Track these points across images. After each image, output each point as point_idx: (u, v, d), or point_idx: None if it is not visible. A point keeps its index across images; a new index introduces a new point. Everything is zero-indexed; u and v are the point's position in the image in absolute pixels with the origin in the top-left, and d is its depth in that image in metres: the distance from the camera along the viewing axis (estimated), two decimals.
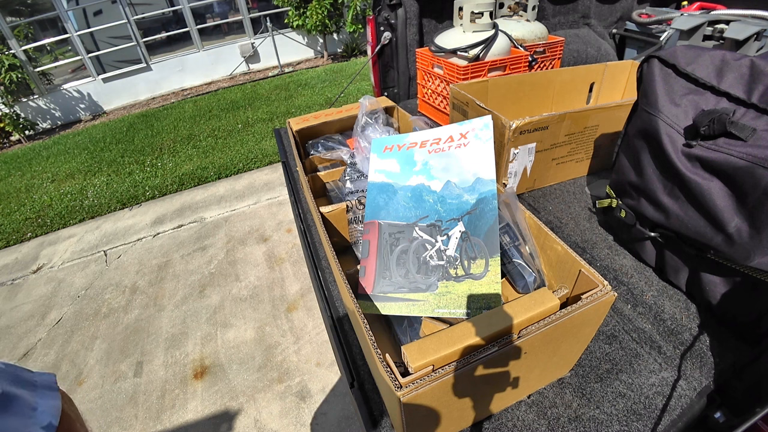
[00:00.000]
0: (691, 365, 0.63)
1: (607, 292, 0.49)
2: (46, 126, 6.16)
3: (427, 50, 1.40)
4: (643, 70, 0.74)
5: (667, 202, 0.69)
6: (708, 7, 1.52)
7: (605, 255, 0.84)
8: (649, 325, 0.70)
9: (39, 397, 0.32)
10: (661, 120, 0.68)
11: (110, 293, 2.51)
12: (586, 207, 0.98)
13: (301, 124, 1.17)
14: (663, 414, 0.57)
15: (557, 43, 1.41)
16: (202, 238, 2.89)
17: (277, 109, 5.06)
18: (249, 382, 1.83)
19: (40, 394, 0.32)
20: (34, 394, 0.32)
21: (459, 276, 0.60)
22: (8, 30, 5.54)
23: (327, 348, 1.91)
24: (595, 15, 1.96)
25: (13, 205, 3.83)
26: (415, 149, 0.69)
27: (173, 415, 1.75)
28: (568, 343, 0.53)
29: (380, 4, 1.58)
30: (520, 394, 0.59)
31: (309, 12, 6.38)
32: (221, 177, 3.72)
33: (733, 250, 0.59)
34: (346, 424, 1.61)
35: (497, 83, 1.15)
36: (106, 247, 3.01)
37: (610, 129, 1.02)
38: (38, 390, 0.32)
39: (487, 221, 0.60)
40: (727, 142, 0.58)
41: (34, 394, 0.32)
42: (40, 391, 0.33)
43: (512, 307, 0.47)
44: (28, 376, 0.33)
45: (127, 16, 6.15)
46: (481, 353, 0.44)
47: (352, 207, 0.78)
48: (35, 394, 0.32)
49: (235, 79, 6.88)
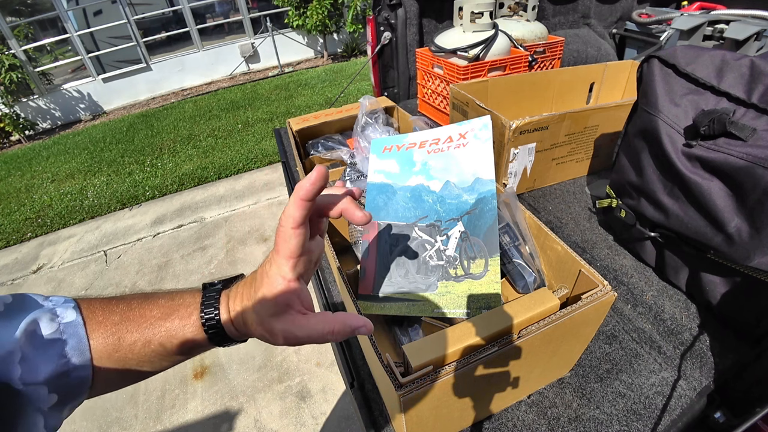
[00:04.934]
0: (691, 365, 0.63)
1: (607, 292, 0.49)
2: (46, 126, 6.16)
3: (427, 50, 1.40)
4: (643, 70, 0.74)
5: (667, 202, 0.69)
6: (708, 7, 1.52)
7: (605, 255, 0.84)
8: (649, 325, 0.70)
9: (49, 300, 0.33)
10: (661, 120, 0.68)
11: (110, 293, 2.51)
12: (586, 207, 0.98)
13: (301, 124, 1.17)
14: (663, 414, 0.57)
15: (557, 43, 1.41)
16: (202, 238, 2.89)
17: (277, 109, 5.06)
18: (249, 382, 1.83)
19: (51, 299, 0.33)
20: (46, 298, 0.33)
21: (459, 276, 0.60)
22: (8, 30, 5.54)
23: (327, 348, 1.91)
24: (595, 15, 1.95)
25: (13, 205, 3.83)
26: (414, 149, 0.69)
27: (173, 415, 1.75)
28: (568, 343, 0.53)
29: (380, 4, 1.58)
30: (520, 394, 0.59)
31: (309, 12, 6.38)
32: (221, 177, 3.72)
33: (733, 250, 0.59)
34: (346, 424, 1.61)
35: (497, 83, 1.15)
36: (106, 247, 3.01)
37: (610, 129, 1.02)
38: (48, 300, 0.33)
39: (486, 221, 0.60)
40: (727, 142, 0.58)
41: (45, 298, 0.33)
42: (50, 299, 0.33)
43: (512, 307, 0.47)
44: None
45: (127, 16, 6.15)
46: (481, 353, 0.44)
47: None
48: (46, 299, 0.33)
49: (235, 79, 6.88)
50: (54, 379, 0.29)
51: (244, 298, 0.32)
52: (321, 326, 0.31)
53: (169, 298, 0.34)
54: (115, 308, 0.33)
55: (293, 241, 0.30)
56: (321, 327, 0.31)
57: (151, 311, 0.33)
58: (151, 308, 0.33)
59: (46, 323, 0.30)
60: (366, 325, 0.32)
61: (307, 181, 0.29)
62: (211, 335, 0.33)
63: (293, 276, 0.31)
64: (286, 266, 0.31)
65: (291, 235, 0.30)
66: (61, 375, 0.30)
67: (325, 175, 0.30)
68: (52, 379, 0.29)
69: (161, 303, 0.34)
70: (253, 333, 0.32)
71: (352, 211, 0.34)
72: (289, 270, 0.31)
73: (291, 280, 0.31)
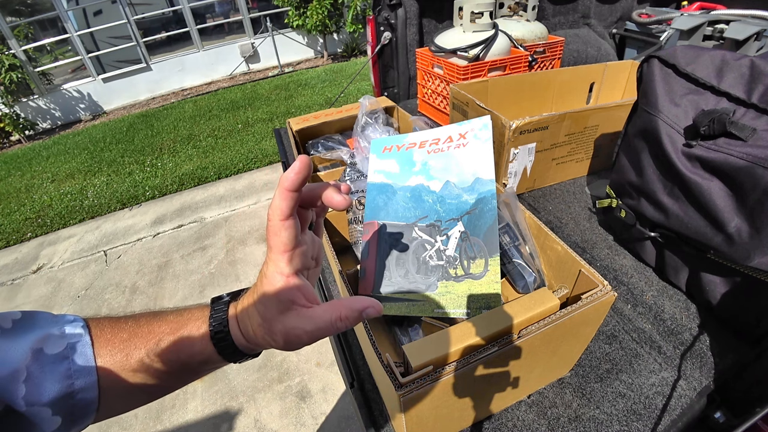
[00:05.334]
0: (691, 365, 0.63)
1: (607, 292, 0.49)
2: (46, 126, 6.16)
3: (427, 50, 1.40)
4: (643, 70, 0.74)
5: (667, 202, 0.69)
6: (708, 7, 1.52)
7: (605, 255, 0.84)
8: (649, 325, 0.70)
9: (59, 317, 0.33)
10: (661, 120, 0.68)
11: (110, 293, 2.51)
12: (586, 207, 0.98)
13: (301, 124, 1.17)
14: (663, 414, 0.57)
15: (557, 43, 1.41)
16: (202, 238, 2.89)
17: (277, 109, 5.06)
18: (249, 382, 1.83)
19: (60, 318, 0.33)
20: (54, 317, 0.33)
21: (459, 276, 0.60)
22: (8, 30, 5.54)
23: (327, 348, 1.91)
24: (595, 15, 1.95)
25: (13, 205, 3.83)
26: (414, 149, 0.69)
27: (173, 415, 1.75)
28: (568, 343, 0.53)
29: (380, 4, 1.58)
30: (520, 394, 0.59)
31: (309, 12, 6.38)
32: (221, 177, 3.73)
33: (733, 250, 0.59)
34: (346, 424, 1.61)
35: (497, 83, 1.15)
36: (106, 247, 3.01)
37: (610, 129, 1.02)
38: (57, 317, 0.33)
39: (486, 221, 0.60)
40: (727, 142, 0.58)
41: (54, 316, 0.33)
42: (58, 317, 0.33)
43: (512, 307, 0.47)
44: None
45: (127, 16, 6.15)
46: (481, 353, 0.44)
47: (352, 207, 0.78)
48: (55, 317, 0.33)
49: (235, 79, 6.88)
50: (59, 400, 0.28)
51: (249, 305, 0.32)
52: (328, 315, 0.30)
53: (178, 314, 0.34)
54: (124, 326, 0.33)
55: (284, 234, 0.30)
56: (328, 315, 0.30)
57: (160, 327, 0.33)
58: (159, 324, 0.33)
59: (54, 342, 0.30)
60: (373, 305, 0.31)
61: (291, 171, 0.29)
62: (221, 348, 0.32)
63: (290, 271, 0.31)
64: (281, 261, 0.30)
65: (281, 227, 0.30)
66: (67, 396, 0.29)
67: (309, 163, 0.29)
68: (56, 401, 0.28)
69: (170, 319, 0.33)
70: (260, 340, 0.31)
71: (330, 196, 0.33)
72: (285, 265, 0.30)
73: (289, 275, 0.30)
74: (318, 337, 0.30)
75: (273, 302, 0.30)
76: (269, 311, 0.30)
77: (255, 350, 0.33)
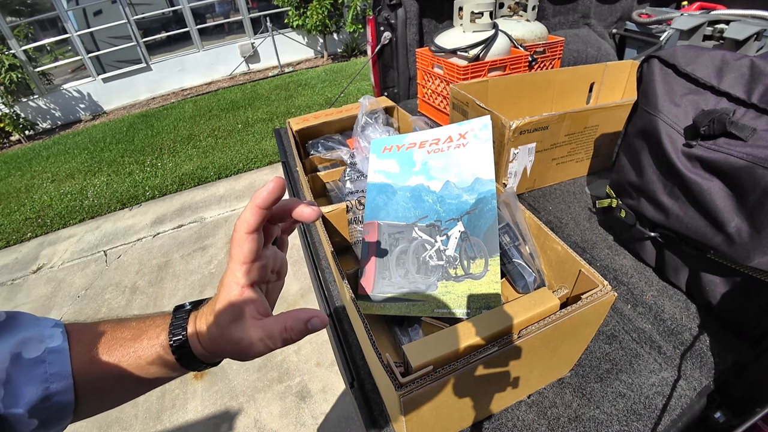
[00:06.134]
0: (691, 365, 0.63)
1: (607, 292, 0.49)
2: (46, 126, 6.16)
3: (427, 50, 1.40)
4: (643, 70, 0.74)
5: (667, 202, 0.69)
6: (708, 7, 1.52)
7: (605, 255, 0.84)
8: (649, 325, 0.70)
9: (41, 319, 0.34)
10: (661, 120, 0.68)
11: (110, 293, 2.51)
12: (586, 207, 0.98)
13: (301, 124, 1.17)
14: (663, 414, 0.57)
15: (557, 43, 1.41)
16: (202, 238, 2.89)
17: (277, 109, 5.06)
18: (249, 382, 1.83)
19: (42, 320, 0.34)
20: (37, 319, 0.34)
21: (458, 276, 0.60)
22: (8, 30, 5.54)
23: (327, 348, 1.91)
24: (595, 15, 1.95)
25: (13, 205, 3.83)
26: (414, 149, 0.69)
27: (173, 415, 1.75)
28: (568, 343, 0.53)
29: (380, 4, 1.58)
30: (520, 394, 0.59)
31: (309, 12, 6.38)
32: (221, 177, 3.73)
33: (733, 250, 0.59)
34: (346, 424, 1.61)
35: (497, 83, 1.15)
36: (106, 247, 3.02)
37: (610, 129, 1.02)
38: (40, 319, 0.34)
39: (486, 221, 0.60)
40: (727, 142, 0.58)
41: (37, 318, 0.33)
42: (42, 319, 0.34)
43: (512, 307, 0.47)
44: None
45: (127, 16, 6.15)
46: (481, 353, 0.44)
47: (352, 207, 0.78)
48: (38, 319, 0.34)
49: (235, 79, 6.88)
50: (36, 403, 0.29)
51: (207, 313, 0.33)
52: (275, 326, 0.31)
53: (140, 321, 0.35)
54: (94, 330, 0.34)
55: (246, 246, 0.31)
56: (275, 326, 0.31)
57: (122, 333, 0.33)
58: (122, 330, 0.34)
59: (32, 345, 0.30)
60: (318, 315, 0.32)
61: (264, 190, 0.30)
62: (179, 355, 0.32)
63: (246, 282, 0.32)
64: (239, 272, 0.31)
65: (244, 240, 0.31)
66: (43, 399, 0.29)
67: (282, 186, 0.31)
68: (33, 404, 0.29)
69: (132, 325, 0.34)
70: (216, 348, 0.32)
71: (300, 210, 0.35)
72: (243, 275, 0.31)
73: (244, 286, 0.31)
74: (267, 347, 0.31)
75: (227, 311, 0.31)
76: (223, 320, 0.31)
77: (213, 359, 0.34)
